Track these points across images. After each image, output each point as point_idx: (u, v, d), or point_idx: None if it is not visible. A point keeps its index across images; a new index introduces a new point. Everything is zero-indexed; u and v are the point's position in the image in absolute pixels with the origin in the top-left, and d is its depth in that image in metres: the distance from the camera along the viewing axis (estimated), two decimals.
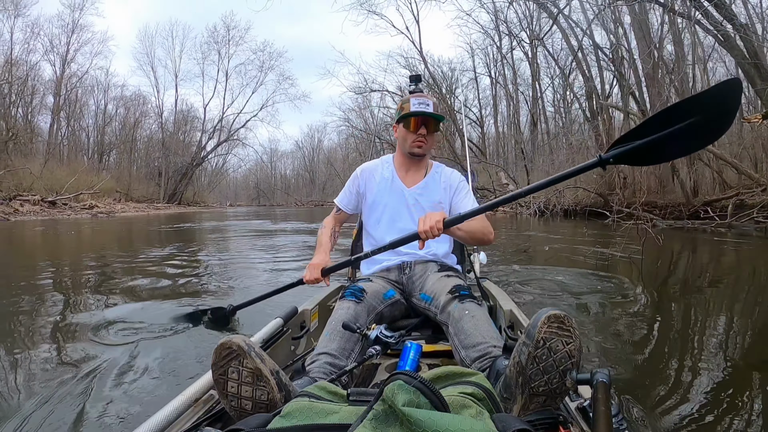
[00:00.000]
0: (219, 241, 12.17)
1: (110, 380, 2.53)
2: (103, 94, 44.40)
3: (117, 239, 12.97)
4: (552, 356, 1.20)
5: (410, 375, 0.92)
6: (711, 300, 4.65)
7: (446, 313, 1.85)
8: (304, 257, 7.56)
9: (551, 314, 1.21)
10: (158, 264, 7.08)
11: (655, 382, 2.38)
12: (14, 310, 4.15)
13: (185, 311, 3.45)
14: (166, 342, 3.15)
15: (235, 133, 49.37)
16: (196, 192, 51.99)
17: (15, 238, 13.16)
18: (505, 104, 35.07)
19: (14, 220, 20.00)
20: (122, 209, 30.86)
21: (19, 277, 5.92)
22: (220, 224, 20.50)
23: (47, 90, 38.01)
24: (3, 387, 2.51)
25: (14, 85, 33.17)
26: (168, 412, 1.23)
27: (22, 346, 3.21)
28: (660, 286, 5.36)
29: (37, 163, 30.60)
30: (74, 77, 40.31)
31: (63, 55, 38.69)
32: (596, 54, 21.24)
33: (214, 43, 48.24)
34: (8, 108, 32.96)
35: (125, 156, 46.00)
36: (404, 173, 2.39)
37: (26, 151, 32.79)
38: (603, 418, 0.94)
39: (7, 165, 26.80)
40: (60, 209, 25.57)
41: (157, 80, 48.10)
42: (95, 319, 3.73)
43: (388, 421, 0.87)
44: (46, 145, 37.27)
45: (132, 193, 40.07)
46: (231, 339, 1.27)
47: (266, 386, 1.25)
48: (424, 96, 2.27)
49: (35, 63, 36.23)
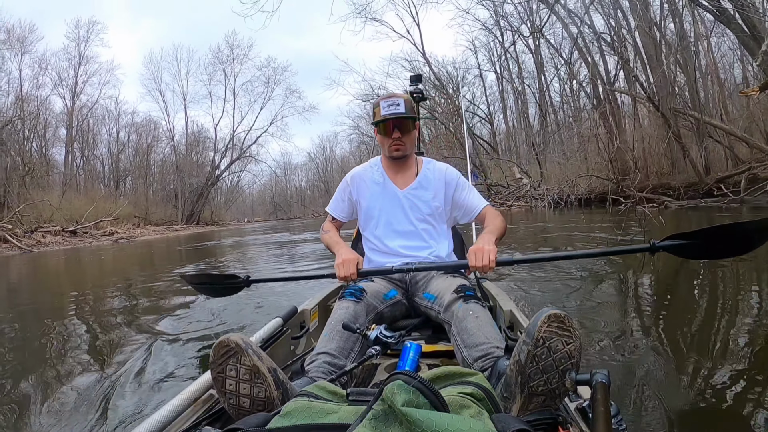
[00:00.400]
0: (243, 253, 12.46)
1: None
2: (115, 122, 45.05)
3: (144, 261, 13.28)
4: (551, 356, 1.20)
5: (410, 375, 0.93)
6: (710, 284, 4.55)
7: (450, 312, 1.85)
8: (327, 260, 7.63)
9: (551, 313, 1.21)
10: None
11: (655, 382, 2.36)
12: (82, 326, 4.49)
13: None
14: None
15: (247, 149, 49.71)
16: (213, 211, 52.31)
17: (49, 267, 13.41)
18: (512, 99, 35.06)
19: (37, 251, 20.36)
20: (142, 233, 31.25)
21: (64, 301, 6.24)
22: (242, 239, 20.76)
23: (59, 122, 38.68)
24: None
25: (27, 120, 33.72)
26: (168, 412, 1.25)
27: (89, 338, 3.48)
28: (660, 269, 5.29)
29: (55, 194, 31.14)
30: (85, 108, 40.95)
31: (72, 87, 39.39)
32: (597, 40, 21.14)
33: (218, 63, 48.64)
34: (23, 143, 33.49)
35: (141, 181, 46.53)
36: (394, 175, 2.36)
37: (43, 183, 33.29)
38: (602, 418, 0.94)
39: (26, 198, 27.29)
40: (81, 238, 25.97)
41: (166, 104, 48.66)
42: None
43: (387, 420, 0.88)
44: (63, 176, 37.88)
45: (150, 216, 40.46)
46: (229, 337, 1.29)
47: (263, 383, 1.26)
48: (395, 96, 2.26)
49: (45, 98, 36.89)
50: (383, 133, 2.27)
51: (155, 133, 48.33)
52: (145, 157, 46.89)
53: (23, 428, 2.25)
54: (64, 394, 2.64)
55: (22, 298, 7.36)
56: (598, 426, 0.92)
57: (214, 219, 50.96)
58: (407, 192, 2.32)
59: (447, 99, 32.68)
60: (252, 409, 1.26)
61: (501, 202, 25.50)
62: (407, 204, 2.31)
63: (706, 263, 4.89)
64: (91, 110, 41.64)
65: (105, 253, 17.02)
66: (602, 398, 1.00)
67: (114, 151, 44.95)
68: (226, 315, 4.35)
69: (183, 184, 46.34)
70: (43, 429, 2.22)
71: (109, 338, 3.98)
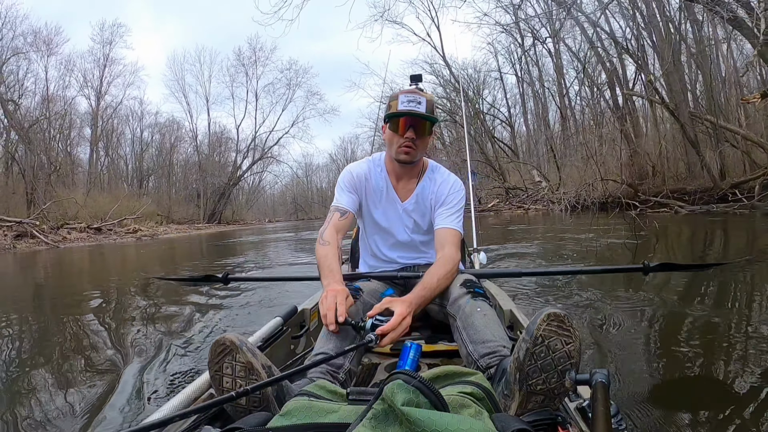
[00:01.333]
0: (271, 249, 12.94)
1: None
2: (138, 122, 45.98)
3: (165, 258, 13.64)
4: (550, 355, 1.20)
5: (410, 374, 0.93)
6: (712, 285, 4.56)
7: (456, 306, 1.77)
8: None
9: (551, 312, 1.21)
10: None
11: (654, 382, 2.36)
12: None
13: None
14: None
15: (269, 151, 50.30)
16: (235, 210, 52.93)
17: (73, 262, 13.84)
18: (533, 102, 35.01)
19: (63, 247, 20.96)
20: (165, 231, 31.81)
21: (82, 295, 6.52)
22: (264, 237, 21.27)
23: (84, 122, 39.63)
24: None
25: (53, 120, 34.65)
26: (167, 412, 1.26)
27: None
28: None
29: (80, 192, 31.99)
30: (109, 108, 41.82)
31: (97, 88, 40.18)
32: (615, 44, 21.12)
33: (241, 65, 49.13)
34: (49, 143, 34.36)
35: (164, 180, 47.49)
36: (396, 181, 2.17)
37: (68, 182, 34.26)
38: (602, 418, 0.93)
39: (52, 196, 28.11)
40: (105, 235, 26.60)
41: (189, 105, 49.42)
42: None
43: (387, 420, 0.88)
44: (87, 175, 38.82)
45: (173, 215, 41.16)
46: (225, 336, 1.32)
47: (258, 379, 1.27)
48: (417, 93, 2.00)
49: (71, 98, 37.77)
50: (394, 130, 2.01)
51: (178, 134, 49.19)
52: (168, 156, 47.79)
53: (18, 425, 2.27)
54: (67, 391, 2.64)
55: (42, 291, 7.69)
56: (597, 426, 0.92)
57: (236, 218, 51.48)
58: (406, 205, 2.16)
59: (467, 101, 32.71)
60: (248, 405, 1.28)
61: (518, 205, 25.60)
62: (406, 218, 2.18)
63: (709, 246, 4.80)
64: (116, 110, 42.58)
65: (128, 250, 17.49)
66: (602, 398, 1.00)
67: (138, 150, 46.00)
68: (241, 312, 4.50)
69: (205, 184, 47.06)
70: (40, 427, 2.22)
71: (120, 334, 4.04)
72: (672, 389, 2.30)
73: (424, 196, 2.15)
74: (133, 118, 45.44)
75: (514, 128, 37.03)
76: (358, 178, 2.16)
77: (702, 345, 2.94)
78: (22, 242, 21.53)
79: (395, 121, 1.99)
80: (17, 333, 4.35)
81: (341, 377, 1.60)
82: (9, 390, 2.77)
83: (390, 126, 2.02)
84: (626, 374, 2.45)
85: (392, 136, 2.02)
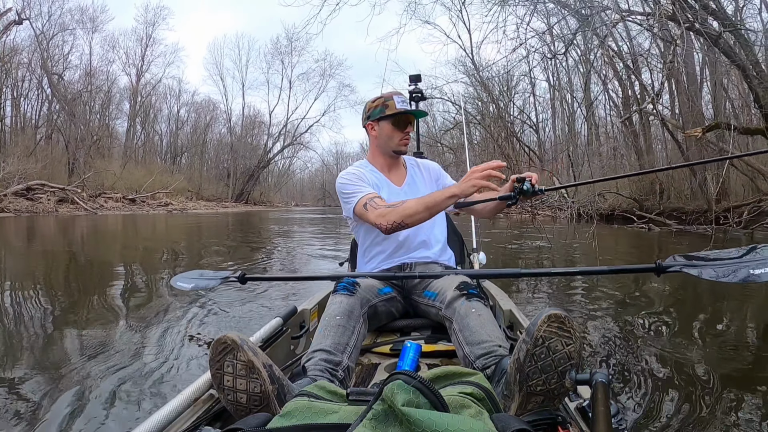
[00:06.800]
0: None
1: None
2: (176, 100, 47.66)
3: (191, 232, 14.52)
4: (551, 356, 1.19)
5: (410, 375, 0.93)
6: (714, 286, 4.53)
7: (452, 309, 1.79)
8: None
9: (552, 313, 1.20)
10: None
11: (655, 382, 2.40)
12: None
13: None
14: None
15: (299, 137, 51.57)
16: (263, 192, 54.52)
17: (108, 228, 14.79)
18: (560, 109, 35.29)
19: (101, 214, 22.59)
20: (194, 207, 33.40)
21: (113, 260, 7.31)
22: (300, 217, 21.45)
23: (123, 97, 41.34)
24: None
25: (94, 94, 36.52)
26: (167, 412, 1.26)
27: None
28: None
29: (116, 164, 33.61)
30: (148, 85, 43.47)
31: (138, 66, 41.97)
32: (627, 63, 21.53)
33: (277, 53, 50.76)
34: (90, 115, 36.24)
35: (196, 158, 49.15)
36: (389, 173, 2.33)
37: (107, 153, 35.95)
38: (602, 418, 0.93)
39: (92, 166, 29.94)
40: (139, 206, 28.33)
41: (225, 89, 52.13)
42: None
43: (387, 420, 0.88)
44: (124, 148, 40.47)
45: (203, 192, 42.94)
46: (226, 335, 1.31)
47: (258, 378, 1.27)
48: (401, 94, 2.27)
49: (113, 74, 39.55)
50: (396, 126, 2.21)
51: (213, 114, 50.88)
52: (202, 135, 49.45)
53: (17, 422, 2.13)
54: (71, 387, 2.47)
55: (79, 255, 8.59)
56: (598, 426, 0.92)
57: (263, 200, 53.23)
58: (404, 188, 2.30)
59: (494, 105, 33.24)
60: (249, 404, 1.29)
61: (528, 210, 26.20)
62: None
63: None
64: (154, 88, 44.19)
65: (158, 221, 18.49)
66: (602, 398, 1.00)
67: (173, 127, 47.70)
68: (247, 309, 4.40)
69: (236, 164, 48.69)
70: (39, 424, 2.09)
71: (135, 317, 3.89)
72: (672, 389, 2.34)
73: (417, 174, 2.38)
74: (171, 96, 47.18)
75: (539, 133, 37.34)
76: (359, 174, 2.22)
77: (702, 345, 3.00)
78: (63, 207, 23.31)
79: (398, 119, 2.20)
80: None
81: (340, 375, 1.60)
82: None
83: (392, 123, 2.21)
84: (626, 374, 2.50)
85: (392, 132, 2.21)
